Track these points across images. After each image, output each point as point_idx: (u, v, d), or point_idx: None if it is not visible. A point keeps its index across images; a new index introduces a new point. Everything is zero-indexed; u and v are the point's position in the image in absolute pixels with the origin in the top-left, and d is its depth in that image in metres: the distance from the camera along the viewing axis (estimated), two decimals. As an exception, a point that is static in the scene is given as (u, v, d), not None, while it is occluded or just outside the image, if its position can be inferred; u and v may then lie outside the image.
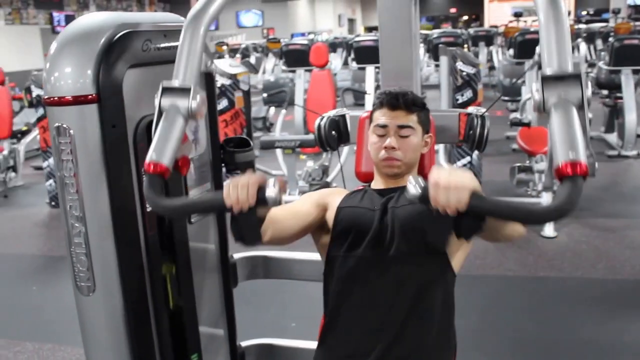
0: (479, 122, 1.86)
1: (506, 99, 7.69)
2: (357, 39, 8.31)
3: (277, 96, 6.93)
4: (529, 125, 5.21)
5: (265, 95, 7.42)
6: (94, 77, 1.48)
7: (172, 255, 1.77)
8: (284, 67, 8.33)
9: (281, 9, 24.55)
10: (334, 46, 14.43)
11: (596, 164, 1.27)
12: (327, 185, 5.30)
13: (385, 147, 1.62)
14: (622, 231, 4.65)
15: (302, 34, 20.12)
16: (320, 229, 1.69)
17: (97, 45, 1.50)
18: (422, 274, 1.54)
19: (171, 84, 1.48)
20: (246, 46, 14.63)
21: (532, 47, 6.63)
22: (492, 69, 12.66)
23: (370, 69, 7.58)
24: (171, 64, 1.59)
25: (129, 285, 1.62)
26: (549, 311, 3.47)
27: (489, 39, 12.73)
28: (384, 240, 1.55)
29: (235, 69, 5.38)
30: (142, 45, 1.59)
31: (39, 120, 6.32)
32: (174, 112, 1.44)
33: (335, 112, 2.07)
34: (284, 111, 6.59)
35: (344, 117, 2.06)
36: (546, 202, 4.66)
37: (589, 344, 3.08)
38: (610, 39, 8.15)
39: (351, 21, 30.10)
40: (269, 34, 24.20)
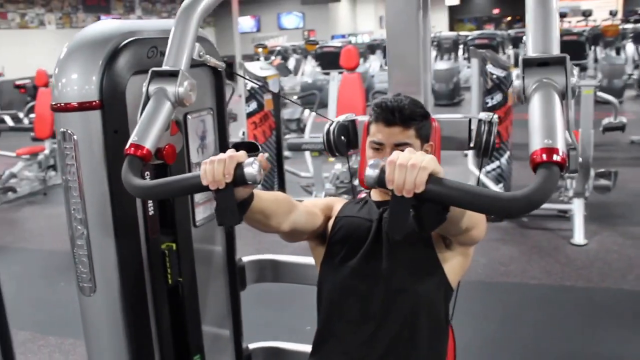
0: (486, 129, 1.80)
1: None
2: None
3: (307, 98, 6.95)
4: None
5: (295, 97, 7.45)
6: (98, 84, 1.52)
7: (176, 257, 1.80)
8: (319, 69, 8.35)
9: (322, 10, 24.57)
10: (372, 48, 14.38)
11: (580, 158, 1.17)
12: (354, 188, 5.29)
13: None
14: (657, 241, 4.52)
15: (342, 36, 20.12)
16: (317, 236, 1.68)
17: (102, 52, 1.54)
18: (415, 288, 1.52)
19: (161, 68, 1.44)
20: (283, 48, 14.70)
21: (570, 49, 6.47)
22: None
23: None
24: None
25: (128, 288, 1.66)
26: (572, 323, 3.40)
27: (531, 40, 12.48)
28: (378, 253, 1.54)
29: (264, 72, 5.42)
30: (148, 52, 1.62)
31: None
32: (161, 97, 1.40)
33: (344, 117, 2.07)
34: (314, 113, 6.61)
35: (353, 122, 2.05)
36: (578, 208, 4.57)
37: (612, 360, 3.01)
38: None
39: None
40: (310, 35, 24.27)
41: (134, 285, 1.67)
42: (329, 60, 7.61)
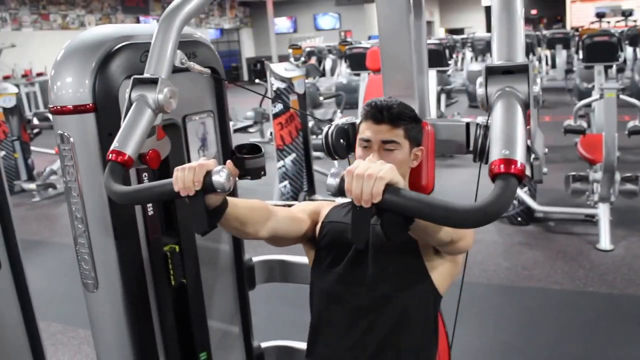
0: (481, 132, 1.75)
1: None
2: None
3: (334, 99, 6.96)
4: (584, 132, 5.00)
5: (322, 98, 7.47)
6: (91, 88, 1.56)
7: (178, 254, 1.84)
8: (349, 70, 8.35)
9: (358, 11, 24.56)
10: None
11: (544, 168, 1.16)
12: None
13: None
14: (687, 247, 4.40)
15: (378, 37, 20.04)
16: (307, 241, 1.69)
17: (95, 56, 1.58)
18: (401, 294, 1.52)
19: (141, 76, 1.48)
20: (317, 49, 14.73)
21: (602, 50, 6.34)
22: (569, 72, 12.22)
23: (432, 73, 7.48)
24: (172, 74, 1.65)
25: (130, 285, 1.70)
26: (593, 329, 3.32)
27: (566, 41, 12.28)
28: (364, 259, 1.55)
29: (289, 73, 5.45)
30: (141, 56, 1.65)
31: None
32: (142, 104, 1.43)
33: (345, 120, 2.08)
34: (340, 114, 6.62)
35: (354, 125, 2.05)
36: (603, 213, 4.48)
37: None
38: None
39: (429, 23, 29.73)
40: (346, 36, 24.28)
41: (136, 282, 1.71)
42: (358, 61, 7.59)
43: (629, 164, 6.21)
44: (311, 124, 6.43)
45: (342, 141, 2.00)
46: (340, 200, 1.81)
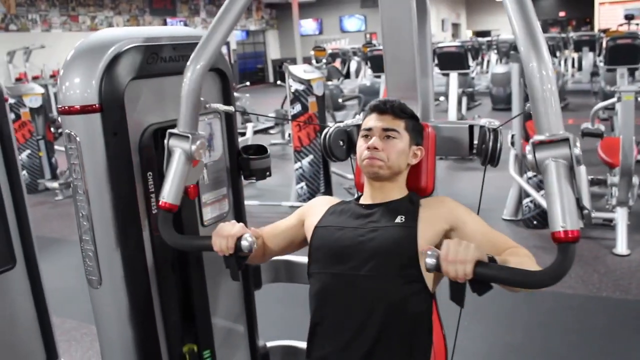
0: (492, 136, 1.77)
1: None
2: (440, 45, 8.20)
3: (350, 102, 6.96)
4: (601, 136, 4.95)
5: (340, 100, 7.49)
6: (98, 88, 1.60)
7: (183, 255, 1.88)
8: (370, 72, 8.36)
9: (384, 13, 24.51)
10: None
11: (592, 213, 1.31)
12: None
13: (368, 147, 1.64)
14: None
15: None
16: (305, 243, 1.74)
17: (102, 58, 1.62)
18: (394, 294, 1.53)
19: (175, 130, 1.71)
20: (342, 51, 14.74)
21: (624, 53, 6.27)
22: (594, 75, 12.08)
23: (453, 75, 7.46)
24: (178, 75, 1.70)
25: (133, 282, 1.73)
26: (604, 334, 3.29)
27: (592, 43, 12.13)
28: (357, 259, 1.57)
29: (308, 75, 5.48)
30: (148, 58, 1.70)
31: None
32: (179, 155, 1.69)
33: (348, 122, 2.10)
34: (359, 116, 6.61)
35: (358, 127, 2.07)
36: (621, 217, 4.43)
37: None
38: None
39: (455, 25, 29.57)
40: (372, 38, 24.28)
41: (139, 279, 1.75)
42: (379, 63, 7.60)
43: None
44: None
45: (341, 143, 2.02)
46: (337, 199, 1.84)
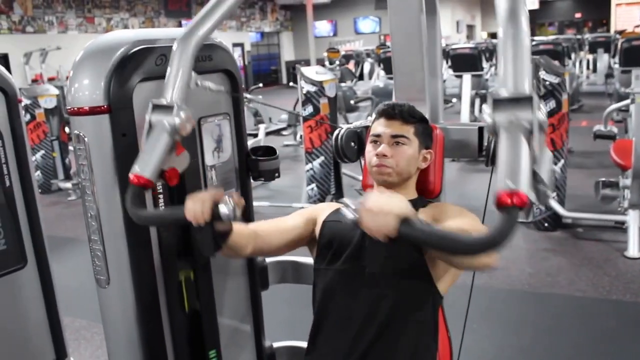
0: (494, 138, 1.78)
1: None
2: (454, 47, 8.18)
3: (362, 104, 6.96)
4: (614, 138, 4.91)
5: (352, 101, 7.49)
6: (106, 90, 1.62)
7: (190, 255, 1.89)
8: (383, 74, 8.35)
9: (398, 15, 24.46)
10: (444, 53, 14.26)
11: (549, 192, 1.19)
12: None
13: (377, 154, 1.63)
14: None
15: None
16: (309, 243, 1.73)
17: (111, 59, 1.63)
18: (399, 293, 1.53)
19: (159, 101, 1.58)
20: (355, 52, 14.73)
21: (634, 54, 6.21)
22: (609, 76, 11.98)
23: (466, 77, 7.44)
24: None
25: (140, 281, 1.74)
26: (614, 338, 3.27)
27: (607, 45, 12.03)
28: (363, 256, 1.57)
29: (320, 76, 5.49)
30: (156, 60, 1.71)
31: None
32: (160, 128, 1.54)
33: (358, 123, 2.10)
34: (370, 118, 6.61)
35: (367, 128, 2.07)
36: (633, 220, 4.39)
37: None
38: None
39: (470, 27, 29.45)
40: (386, 40, 24.23)
41: (146, 279, 1.76)
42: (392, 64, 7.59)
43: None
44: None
45: (352, 144, 2.03)
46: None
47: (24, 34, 16.25)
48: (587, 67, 14.65)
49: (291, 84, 8.46)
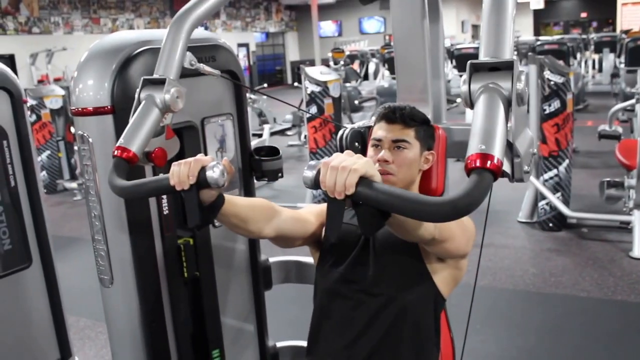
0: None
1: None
2: (458, 47, 8.17)
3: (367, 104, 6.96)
4: (619, 138, 4.90)
5: (356, 101, 7.49)
6: (110, 90, 1.63)
7: (193, 255, 1.89)
8: (387, 74, 8.35)
9: (403, 15, 24.43)
10: (449, 53, 14.24)
11: (526, 166, 1.09)
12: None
13: (378, 160, 1.61)
14: None
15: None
16: (313, 242, 1.73)
17: (114, 60, 1.64)
18: (401, 295, 1.53)
19: (151, 76, 1.51)
20: (360, 52, 14.72)
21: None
22: (615, 76, 11.95)
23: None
24: (190, 77, 1.71)
25: (144, 281, 1.75)
26: (618, 339, 3.26)
27: (613, 44, 11.99)
28: (366, 260, 1.57)
29: (325, 76, 5.49)
30: (159, 60, 1.72)
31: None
32: (150, 103, 1.46)
33: (361, 123, 2.10)
34: (374, 118, 6.61)
35: (370, 128, 2.07)
36: (638, 220, 4.38)
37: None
38: None
39: (475, 27, 29.39)
40: (391, 40, 24.22)
41: (149, 279, 1.77)
42: (396, 65, 7.59)
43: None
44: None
45: (357, 144, 2.02)
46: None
47: (30, 34, 16.30)
48: (593, 67, 14.62)
49: (296, 84, 8.46)
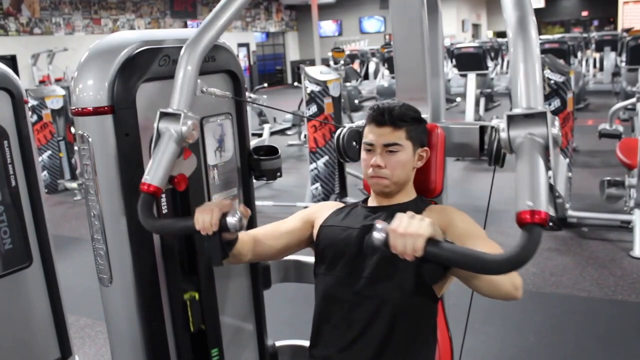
0: (496, 136, 1.72)
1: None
2: (458, 46, 8.17)
3: (367, 103, 6.96)
4: (619, 136, 4.90)
5: (356, 101, 7.49)
6: (110, 90, 1.63)
7: (192, 254, 1.90)
8: (387, 73, 8.35)
9: (403, 14, 24.43)
10: (449, 53, 14.25)
11: (567, 204, 1.21)
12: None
13: (371, 165, 1.61)
14: None
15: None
16: (309, 244, 1.74)
17: (114, 60, 1.65)
18: (398, 298, 1.53)
19: (167, 110, 1.61)
20: (360, 52, 14.73)
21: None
22: (616, 75, 11.94)
23: (471, 76, 7.43)
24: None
25: (143, 280, 1.76)
26: (619, 338, 3.26)
27: (614, 43, 11.98)
28: (361, 261, 1.57)
29: (325, 76, 5.50)
30: (160, 60, 1.72)
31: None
32: (168, 136, 1.58)
33: (361, 122, 2.10)
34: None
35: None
36: (639, 219, 4.39)
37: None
38: None
39: (476, 26, 29.39)
40: (391, 39, 24.22)
41: (148, 278, 1.77)
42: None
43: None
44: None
45: (354, 144, 2.03)
46: (344, 201, 1.84)
47: (31, 35, 16.33)
48: (594, 66, 14.61)
49: (296, 84, 8.47)
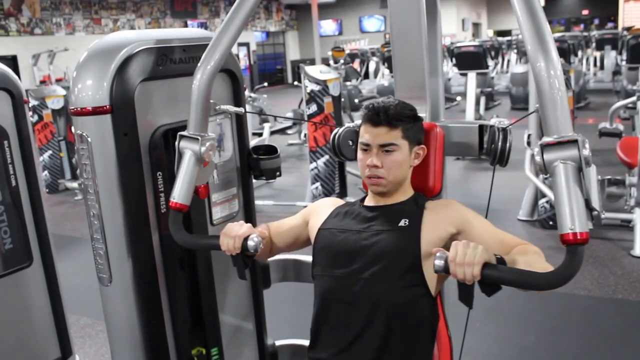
0: (501, 136, 1.73)
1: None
2: (458, 45, 8.16)
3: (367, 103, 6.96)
4: (620, 135, 4.89)
5: (356, 100, 7.49)
6: (109, 90, 1.63)
7: (191, 254, 1.90)
8: (387, 72, 8.35)
9: (403, 13, 24.41)
10: (449, 52, 14.25)
11: (602, 214, 1.26)
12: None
13: (367, 166, 1.61)
14: None
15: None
16: (307, 242, 1.75)
17: (113, 60, 1.65)
18: (397, 298, 1.53)
19: (185, 133, 1.73)
20: (360, 51, 14.72)
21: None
22: (616, 74, 11.93)
23: (471, 75, 7.43)
24: (188, 76, 1.72)
25: (142, 280, 1.76)
26: (619, 337, 3.26)
27: (615, 42, 11.97)
28: (360, 262, 1.57)
29: (324, 75, 5.50)
30: (158, 60, 1.73)
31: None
32: (189, 156, 1.72)
33: (358, 122, 2.10)
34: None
35: (362, 127, 2.07)
36: (639, 218, 4.38)
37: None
38: None
39: (476, 25, 29.37)
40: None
41: (148, 277, 1.78)
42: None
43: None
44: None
45: (350, 143, 2.02)
46: (346, 199, 1.85)
47: (32, 35, 16.33)
48: (595, 65, 14.60)
49: (296, 83, 8.48)
